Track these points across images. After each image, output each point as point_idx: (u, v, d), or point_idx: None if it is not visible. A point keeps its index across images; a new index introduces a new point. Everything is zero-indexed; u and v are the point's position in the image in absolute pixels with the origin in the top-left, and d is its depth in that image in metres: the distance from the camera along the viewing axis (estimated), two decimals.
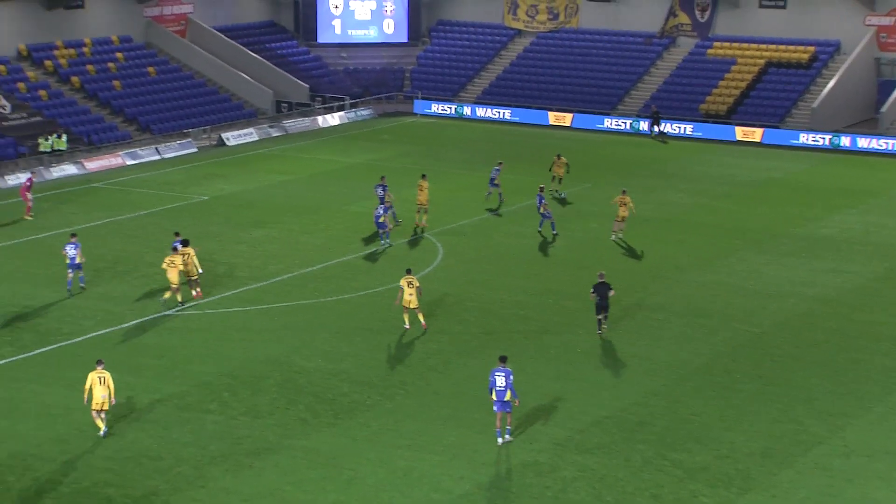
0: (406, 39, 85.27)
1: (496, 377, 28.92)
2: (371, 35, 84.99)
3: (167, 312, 38.76)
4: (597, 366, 34.69)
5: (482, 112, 76.40)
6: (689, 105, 73.45)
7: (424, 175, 49.93)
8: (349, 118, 75.69)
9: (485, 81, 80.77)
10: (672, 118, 71.85)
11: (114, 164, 62.39)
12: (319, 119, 74.33)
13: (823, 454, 28.80)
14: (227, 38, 78.65)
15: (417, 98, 78.61)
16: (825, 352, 35.84)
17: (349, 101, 77.29)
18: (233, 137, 68.65)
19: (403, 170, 58.91)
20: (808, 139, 68.12)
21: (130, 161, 63.15)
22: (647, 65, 78.14)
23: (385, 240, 46.52)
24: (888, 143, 66.48)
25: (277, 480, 27.32)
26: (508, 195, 53.09)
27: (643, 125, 71.64)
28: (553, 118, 74.54)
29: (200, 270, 40.25)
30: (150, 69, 73.34)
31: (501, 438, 29.16)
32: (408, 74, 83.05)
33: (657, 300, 40.41)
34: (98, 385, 29.15)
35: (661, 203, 54.19)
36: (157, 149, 64.95)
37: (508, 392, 28.83)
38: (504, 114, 75.73)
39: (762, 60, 74.86)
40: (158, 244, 46.07)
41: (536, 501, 26.53)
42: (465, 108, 76.86)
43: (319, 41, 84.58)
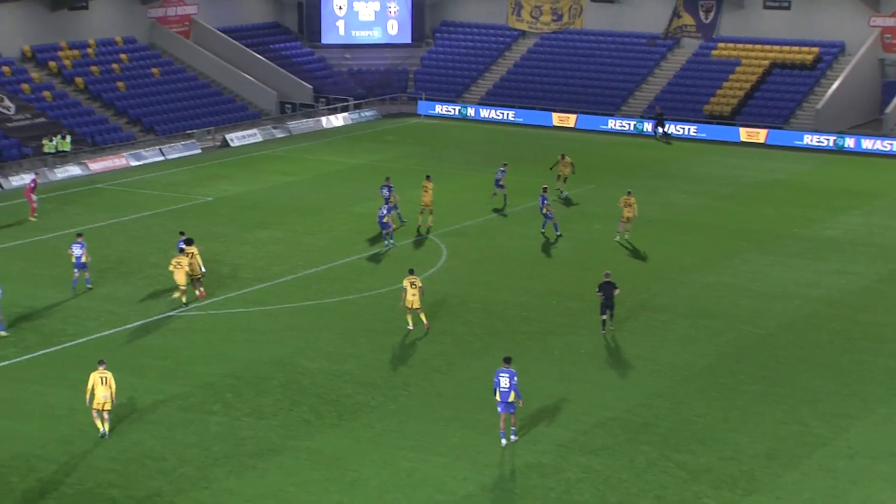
0: (410, 40, 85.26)
1: (500, 378, 28.88)
2: (375, 36, 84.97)
3: (171, 313, 38.76)
4: (601, 367, 34.66)
5: (486, 113, 76.36)
6: (693, 106, 73.40)
7: (429, 176, 49.93)
8: (353, 119, 75.70)
9: (488, 82, 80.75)
10: (676, 119, 71.82)
11: (118, 165, 62.41)
12: (323, 120, 74.32)
13: (828, 456, 28.76)
14: (231, 39, 78.66)
15: (421, 99, 78.62)
16: (829, 353, 35.80)
17: (353, 103, 77.31)
18: (237, 138, 68.67)
19: (407, 171, 58.89)
20: (813, 140, 68.05)
21: (134, 162, 63.17)
22: (651, 66, 78.10)
23: (389, 240, 46.53)
24: (892, 145, 66.39)
25: (281, 481, 27.30)
26: (511, 196, 53.05)
27: (647, 126, 71.62)
28: (557, 119, 74.49)
29: (203, 269, 40.25)
30: (154, 70, 73.37)
31: (505, 440, 29.12)
32: (411, 75, 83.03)
33: (661, 301, 40.37)
34: (100, 385, 29.15)
35: (665, 204, 54.16)
36: (161, 150, 64.97)
37: (512, 393, 28.78)
38: (508, 115, 75.68)
39: (766, 61, 74.80)
40: (162, 245, 46.11)
41: (540, 503, 26.49)
42: (469, 110, 76.84)
43: (323, 42, 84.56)
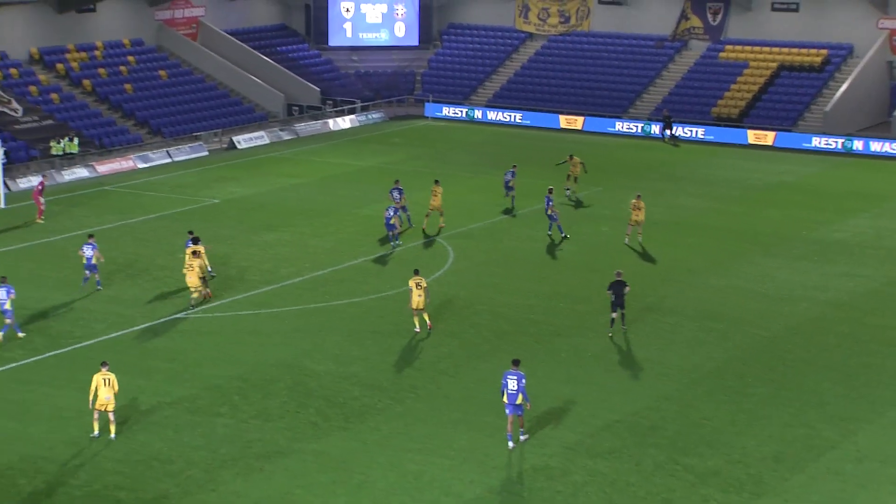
0: (417, 43, 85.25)
1: (508, 380, 28.85)
2: (382, 38, 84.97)
3: (178, 315, 38.79)
4: (608, 369, 34.61)
5: (493, 115, 76.29)
6: (701, 108, 73.32)
7: (438, 181, 49.93)
8: (360, 121, 75.69)
9: (496, 85, 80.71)
10: (684, 122, 71.73)
11: (125, 168, 62.46)
12: (330, 122, 74.32)
13: (836, 459, 28.68)
14: (239, 42, 78.70)
15: (428, 101, 78.58)
16: (837, 356, 35.72)
17: (360, 105, 77.29)
18: (244, 141, 68.68)
19: (414, 173, 58.86)
20: (821, 143, 67.93)
21: (142, 164, 63.21)
22: (659, 68, 78.02)
23: (395, 241, 46.55)
24: None
25: (287, 484, 27.29)
26: (519, 198, 52.98)
27: (655, 129, 71.54)
28: (564, 121, 74.44)
29: (212, 272, 40.29)
30: (162, 72, 73.43)
31: (513, 442, 29.09)
32: (419, 78, 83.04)
33: (669, 304, 40.31)
34: (103, 386, 29.23)
35: (673, 206, 54.09)
36: (169, 152, 65.01)
37: (520, 395, 28.76)
38: (515, 117, 75.62)
39: (774, 64, 74.69)
40: (170, 247, 46.14)
41: None
42: (476, 112, 76.80)
43: (330, 44, 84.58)
